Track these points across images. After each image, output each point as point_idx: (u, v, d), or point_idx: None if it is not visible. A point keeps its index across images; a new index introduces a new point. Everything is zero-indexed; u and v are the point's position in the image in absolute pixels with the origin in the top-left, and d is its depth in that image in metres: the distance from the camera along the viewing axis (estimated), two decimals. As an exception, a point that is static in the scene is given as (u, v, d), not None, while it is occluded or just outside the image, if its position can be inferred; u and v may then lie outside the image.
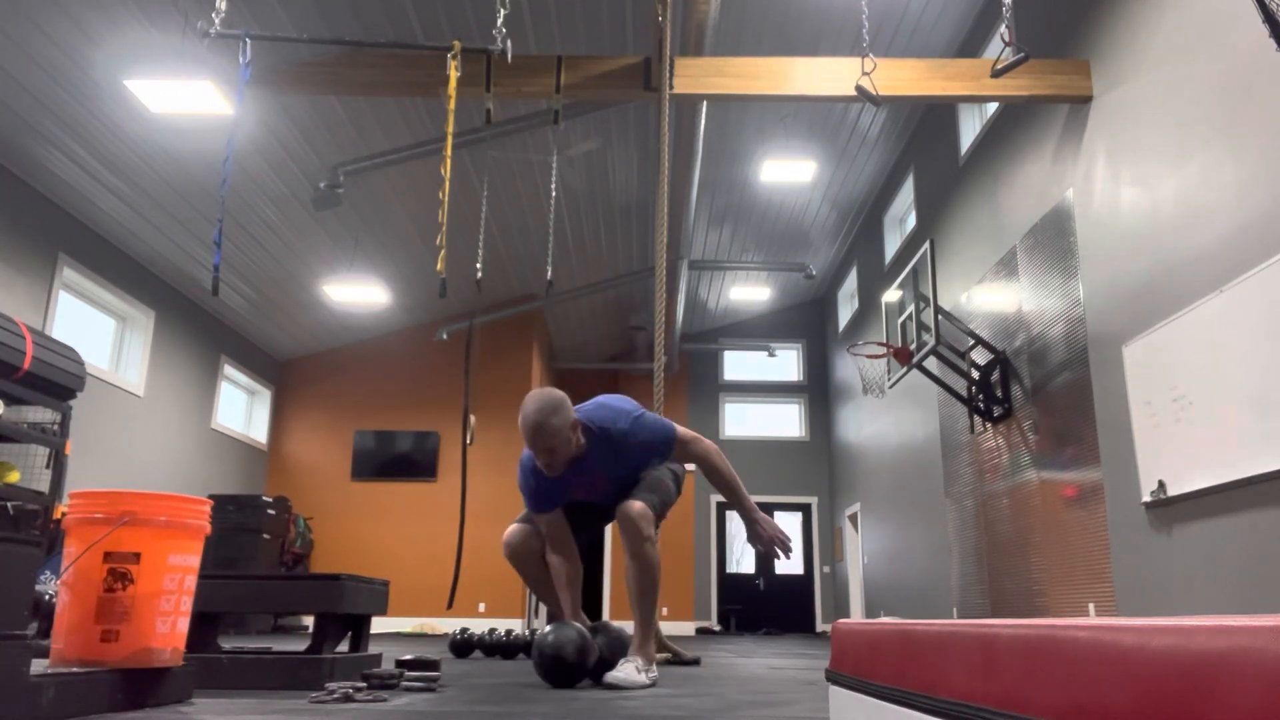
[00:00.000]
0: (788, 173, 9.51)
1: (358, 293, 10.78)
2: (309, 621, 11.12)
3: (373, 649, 5.45)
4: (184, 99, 6.64)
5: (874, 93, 5.94)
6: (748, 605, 14.45)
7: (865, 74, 6.00)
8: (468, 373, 3.97)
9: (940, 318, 7.38)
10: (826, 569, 14.49)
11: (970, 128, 8.55)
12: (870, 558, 11.92)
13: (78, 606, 1.85)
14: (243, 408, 12.20)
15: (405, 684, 2.55)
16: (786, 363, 15.54)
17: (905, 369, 7.91)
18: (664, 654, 4.30)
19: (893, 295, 8.33)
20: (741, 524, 2.95)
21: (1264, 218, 4.29)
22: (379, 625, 11.77)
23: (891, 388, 9.84)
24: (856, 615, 12.74)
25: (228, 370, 11.35)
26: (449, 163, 4.09)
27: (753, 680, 3.18)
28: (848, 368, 13.22)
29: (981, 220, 7.99)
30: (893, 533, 10.81)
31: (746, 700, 2.36)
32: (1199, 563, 4.75)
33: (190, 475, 10.34)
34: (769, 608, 14.44)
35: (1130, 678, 0.61)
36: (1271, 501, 4.18)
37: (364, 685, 2.30)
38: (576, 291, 12.03)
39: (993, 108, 7.87)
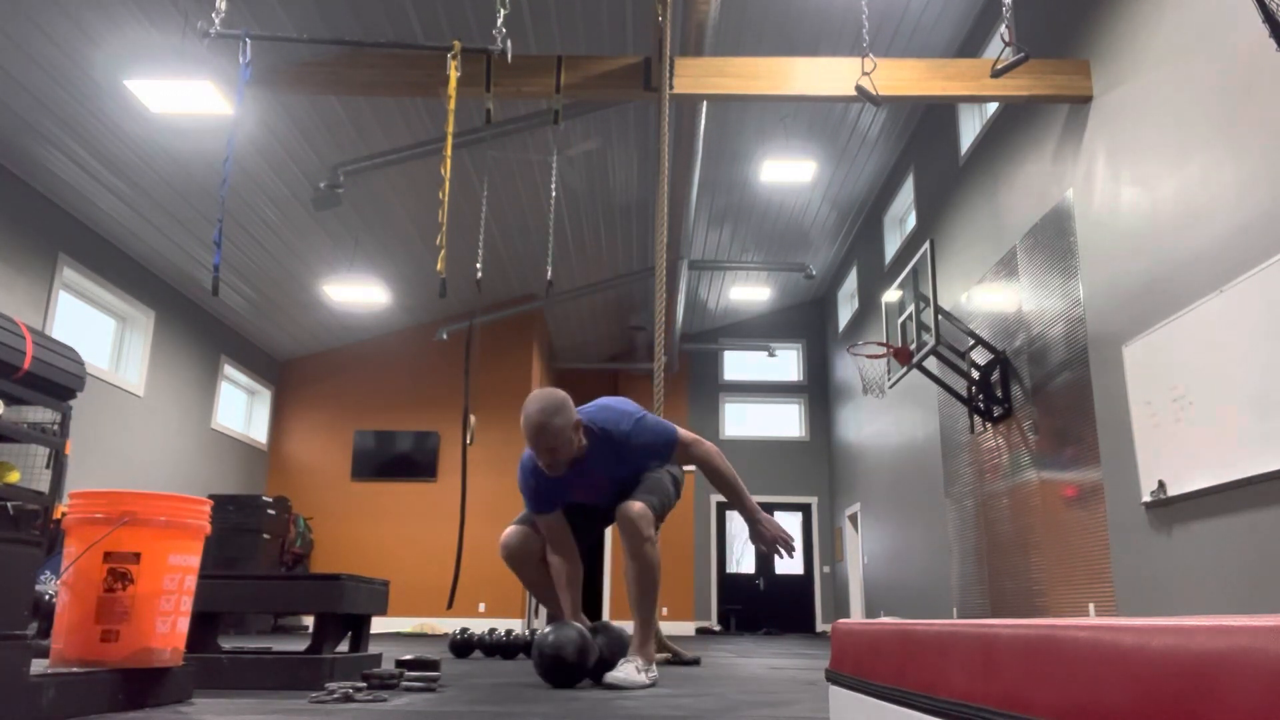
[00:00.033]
0: (788, 173, 9.51)
1: (358, 293, 10.78)
2: (309, 621, 11.12)
3: (373, 649, 5.45)
4: (184, 99, 6.65)
5: (874, 93, 5.94)
6: (748, 605, 14.45)
7: (865, 74, 6.01)
8: (468, 373, 3.97)
9: (940, 318, 7.38)
10: (826, 569, 14.49)
11: (970, 128, 8.55)
12: (870, 558, 11.92)
13: (78, 606, 1.85)
14: (243, 408, 12.20)
15: (405, 684, 2.55)
16: (786, 363, 15.54)
17: (905, 369, 7.91)
18: (664, 654, 4.30)
19: (893, 295, 8.33)
20: (741, 524, 2.96)
21: (1264, 218, 4.29)
22: (379, 625, 11.77)
23: (891, 388, 9.84)
24: (856, 615, 12.74)
25: (228, 370, 11.35)
26: (449, 163, 4.09)
27: (753, 680, 3.18)
28: (848, 368, 13.22)
29: (981, 220, 7.99)
30: (893, 533, 10.81)
31: (746, 700, 2.36)
32: (1199, 563, 4.75)
33: (190, 475, 10.34)
34: (769, 608, 14.44)
35: (1130, 678, 0.61)
36: (1271, 501, 4.18)
37: (364, 685, 2.29)
38: (576, 291, 12.03)
39: (993, 108, 7.88)
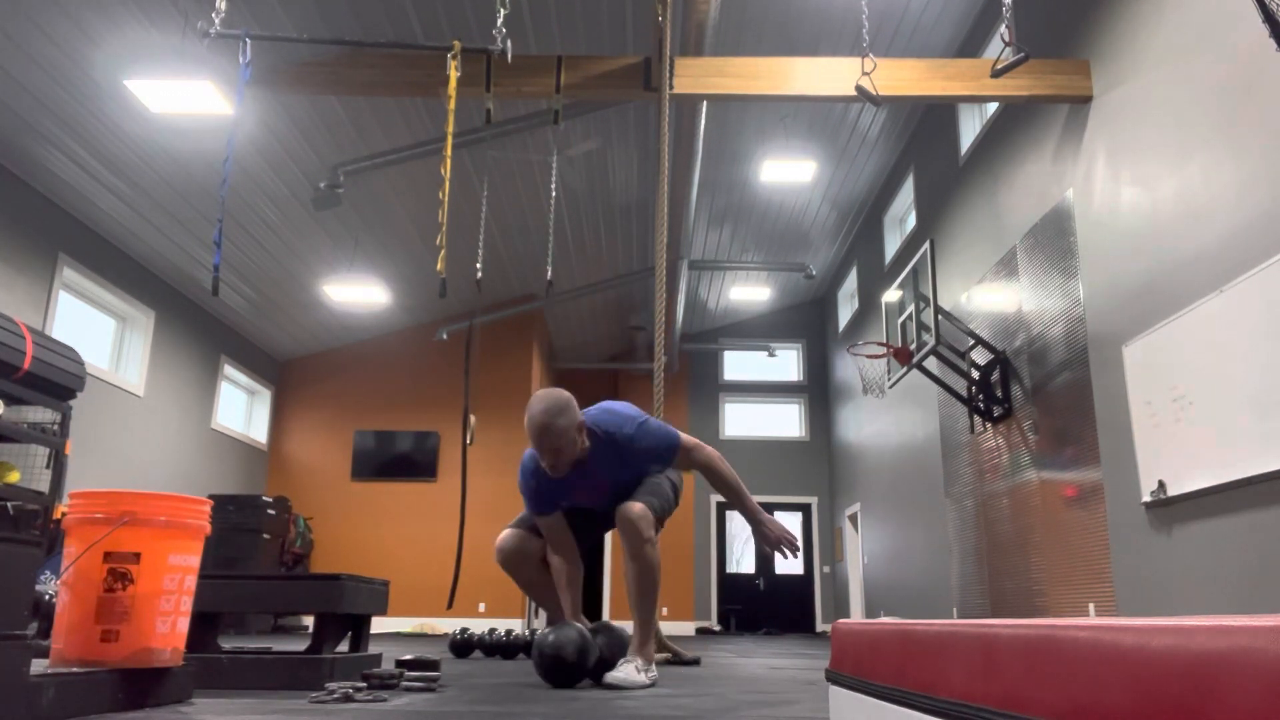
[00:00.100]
0: (788, 173, 9.50)
1: (358, 293, 10.79)
2: (309, 621, 11.11)
3: (373, 649, 5.45)
4: (184, 99, 6.65)
5: (874, 93, 5.94)
6: (748, 605, 14.44)
7: (865, 74, 6.01)
8: (468, 373, 3.97)
9: (940, 318, 7.38)
10: (826, 569, 14.48)
11: (970, 128, 8.55)
12: (870, 558, 11.92)
13: (78, 606, 1.85)
14: (243, 408, 12.20)
15: (405, 684, 2.55)
16: (786, 363, 15.54)
17: (905, 369, 7.91)
18: (664, 654, 4.30)
19: (893, 295, 8.33)
20: (742, 523, 2.97)
21: (1264, 218, 4.29)
22: (379, 625, 11.77)
23: (891, 388, 9.84)
24: (856, 615, 12.74)
25: (228, 370, 11.35)
26: (449, 163, 4.09)
27: (753, 680, 3.18)
28: (848, 368, 13.22)
29: (981, 220, 7.99)
30: (893, 533, 10.81)
31: (746, 700, 2.36)
32: (1199, 563, 4.75)
33: (190, 475, 10.34)
34: (769, 608, 14.44)
35: (1130, 678, 0.61)
36: (1271, 501, 4.18)
37: (364, 685, 2.29)
38: (576, 291, 12.03)
39: (993, 108, 7.87)
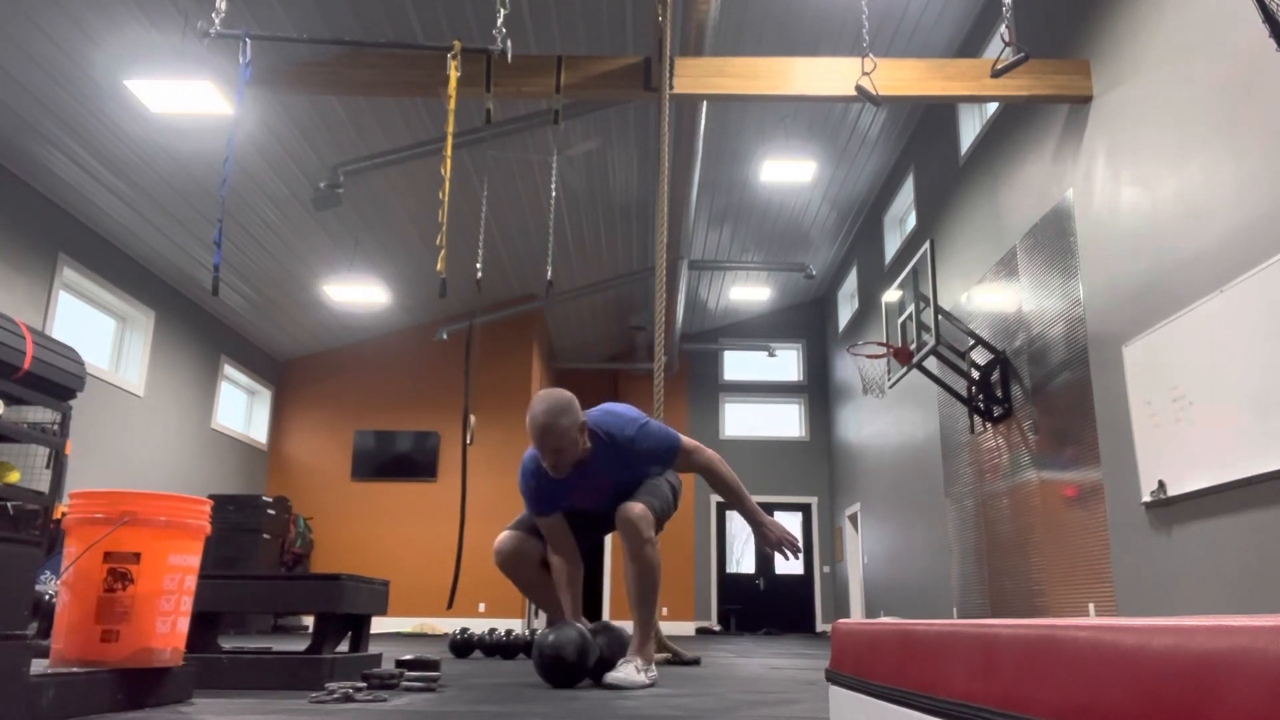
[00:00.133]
0: (788, 173, 9.50)
1: (358, 293, 10.79)
2: (309, 621, 11.12)
3: (373, 649, 5.45)
4: (184, 99, 6.64)
5: (874, 93, 5.94)
6: (748, 605, 14.44)
7: (865, 74, 6.01)
8: (468, 373, 3.97)
9: (940, 318, 7.38)
10: (826, 569, 14.48)
11: (970, 128, 8.55)
12: (870, 558, 11.92)
13: (78, 606, 1.85)
14: (243, 408, 12.20)
15: (405, 684, 2.55)
16: (786, 363, 15.54)
17: (905, 369, 7.91)
18: (664, 654, 4.30)
19: (893, 295, 8.33)
20: (742, 523, 2.97)
21: (1264, 218, 4.29)
22: (379, 625, 11.77)
23: (891, 388, 9.84)
24: (856, 615, 12.74)
25: (228, 370, 11.35)
26: (449, 163, 4.09)
27: (753, 680, 3.18)
28: (848, 368, 13.22)
29: (981, 220, 7.99)
30: (893, 533, 10.81)
31: (746, 700, 2.36)
32: (1199, 563, 4.75)
33: (190, 475, 10.34)
34: (769, 608, 14.44)
35: (1130, 678, 0.61)
36: (1271, 501, 4.18)
37: (364, 685, 2.29)
38: (576, 291, 12.03)
39: (993, 108, 7.87)
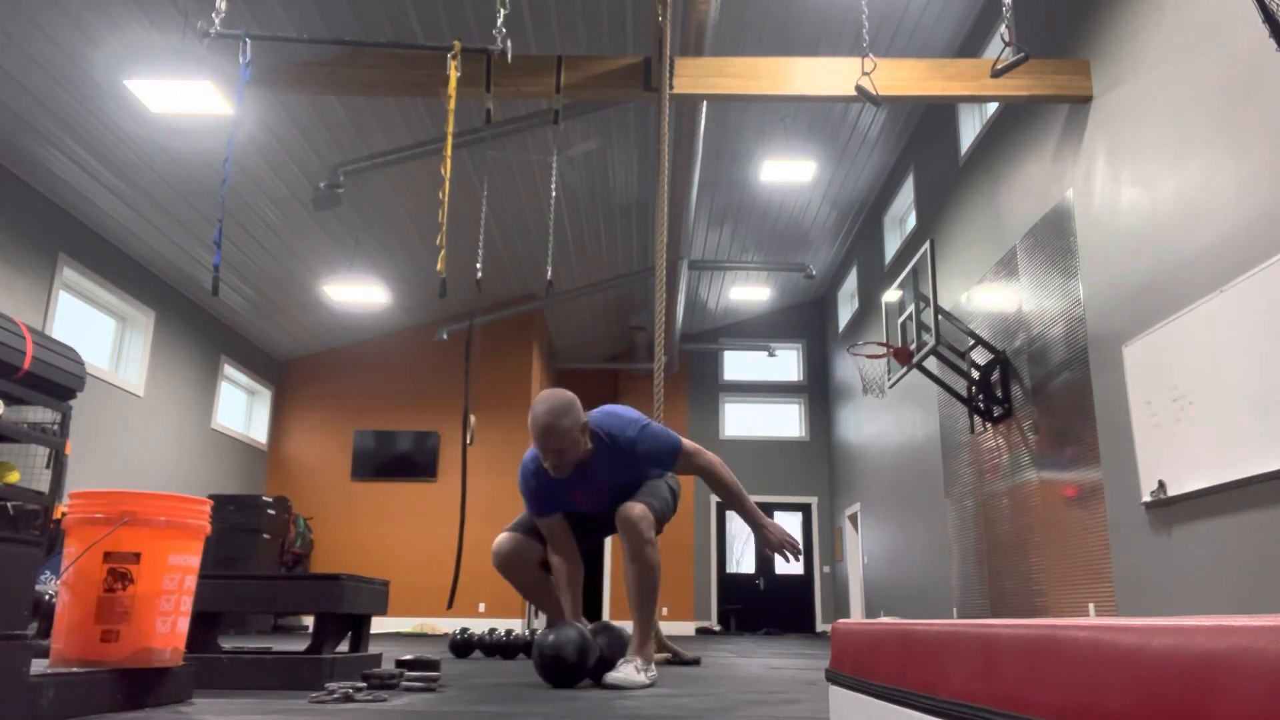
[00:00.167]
0: (788, 173, 9.50)
1: (358, 293, 10.79)
2: (309, 621, 11.11)
3: (373, 649, 5.45)
4: (184, 99, 6.65)
5: (874, 93, 5.94)
6: (748, 605, 14.45)
7: (865, 74, 6.01)
8: (468, 373, 3.97)
9: (940, 318, 7.38)
10: (826, 569, 14.49)
11: (970, 128, 8.55)
12: (870, 558, 11.92)
13: (78, 606, 1.85)
14: (243, 408, 12.20)
15: (405, 684, 2.55)
16: (786, 363, 15.54)
17: (905, 369, 7.91)
18: (664, 654, 4.30)
19: (893, 295, 8.33)
20: (742, 524, 2.97)
21: (1264, 218, 4.29)
22: (379, 625, 11.77)
23: (891, 388, 9.84)
24: (856, 615, 12.74)
25: (228, 370, 11.35)
26: (449, 163, 4.09)
27: (753, 680, 3.18)
28: (848, 368, 13.22)
29: (981, 220, 7.99)
30: (893, 533, 10.81)
31: (746, 700, 2.36)
32: (1199, 563, 4.75)
33: (190, 475, 10.34)
34: (769, 608, 14.44)
35: (1130, 678, 0.61)
36: (1271, 501, 4.18)
37: (364, 685, 2.29)
38: (576, 291, 12.03)
39: (993, 108, 7.87)
